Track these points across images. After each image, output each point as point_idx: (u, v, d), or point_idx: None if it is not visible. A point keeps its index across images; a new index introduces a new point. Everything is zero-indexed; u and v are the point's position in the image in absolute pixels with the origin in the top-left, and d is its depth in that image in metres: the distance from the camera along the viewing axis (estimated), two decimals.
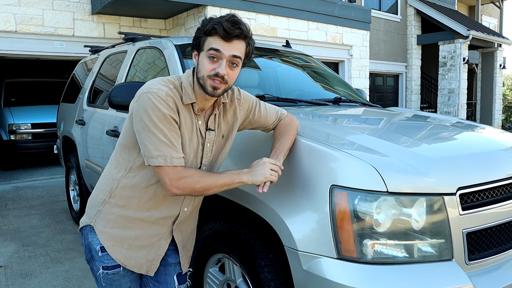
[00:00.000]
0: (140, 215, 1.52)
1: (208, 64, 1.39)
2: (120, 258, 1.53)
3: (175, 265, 1.67)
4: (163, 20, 8.22)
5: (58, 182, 6.71)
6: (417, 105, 13.74)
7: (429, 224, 1.48)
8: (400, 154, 1.60)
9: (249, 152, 1.89)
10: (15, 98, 8.42)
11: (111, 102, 2.27)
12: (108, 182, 1.54)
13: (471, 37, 12.35)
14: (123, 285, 1.59)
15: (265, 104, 1.76)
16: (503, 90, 19.90)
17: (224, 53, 1.37)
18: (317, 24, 8.91)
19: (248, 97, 1.69)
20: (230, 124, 1.63)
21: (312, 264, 1.51)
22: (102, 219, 1.53)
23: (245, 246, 1.80)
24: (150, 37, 3.46)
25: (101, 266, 1.54)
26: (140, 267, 1.57)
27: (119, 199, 1.51)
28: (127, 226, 1.52)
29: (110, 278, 1.56)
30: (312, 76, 3.26)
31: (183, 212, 1.58)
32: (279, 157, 1.56)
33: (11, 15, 6.63)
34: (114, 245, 1.52)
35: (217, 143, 1.58)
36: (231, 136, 1.64)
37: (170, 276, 1.66)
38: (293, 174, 1.65)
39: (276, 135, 1.70)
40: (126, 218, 1.51)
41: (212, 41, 1.38)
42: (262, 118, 1.72)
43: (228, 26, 1.36)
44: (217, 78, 1.39)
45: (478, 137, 2.01)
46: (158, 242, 1.58)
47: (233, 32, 1.36)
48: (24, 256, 3.57)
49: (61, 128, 4.76)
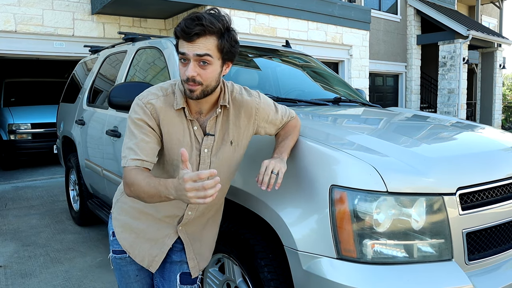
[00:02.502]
0: (148, 209, 1.58)
1: (181, 68, 1.37)
2: (126, 245, 1.62)
3: (181, 263, 1.66)
4: (163, 20, 8.22)
5: (58, 182, 6.71)
6: (417, 105, 13.74)
7: (429, 224, 1.49)
8: (400, 154, 1.60)
9: (251, 154, 1.89)
10: (15, 98, 8.41)
11: (110, 102, 2.27)
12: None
13: (471, 37, 12.35)
14: (130, 272, 1.67)
15: (278, 106, 1.70)
16: (503, 90, 19.92)
17: (189, 53, 1.32)
18: (317, 24, 8.91)
19: (267, 104, 1.63)
20: (241, 131, 1.56)
21: (312, 264, 1.51)
22: (118, 207, 1.66)
23: (245, 246, 1.80)
24: (150, 37, 3.46)
25: (111, 249, 1.67)
26: (142, 259, 1.62)
27: None
28: (137, 217, 1.61)
29: (118, 263, 1.66)
30: (312, 76, 3.26)
31: (187, 215, 1.59)
32: (283, 156, 1.55)
33: (11, 15, 6.63)
34: (122, 231, 1.63)
35: (221, 149, 1.52)
36: (241, 143, 1.57)
37: (173, 274, 1.66)
38: (293, 174, 1.65)
39: (280, 133, 1.68)
40: (136, 209, 1.60)
41: (180, 44, 1.35)
42: (277, 123, 1.67)
43: (186, 24, 1.30)
44: (189, 82, 1.35)
45: (478, 137, 2.01)
46: (162, 240, 1.60)
47: (191, 30, 1.29)
48: (24, 256, 3.57)
49: (61, 128, 4.76)
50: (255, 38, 7.73)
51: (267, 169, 1.45)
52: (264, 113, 1.61)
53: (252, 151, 1.87)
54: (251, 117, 1.57)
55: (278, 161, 1.50)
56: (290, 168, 1.66)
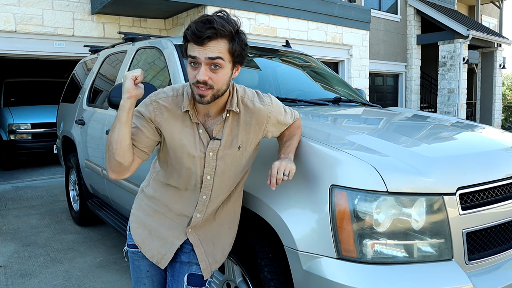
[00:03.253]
0: (160, 208, 1.64)
1: (191, 71, 1.36)
2: (139, 240, 1.66)
3: (190, 265, 1.65)
4: (163, 20, 8.22)
5: (58, 182, 6.71)
6: (417, 105, 13.74)
7: (429, 224, 1.49)
8: (400, 154, 1.60)
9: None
10: (15, 98, 8.41)
11: (110, 102, 2.27)
12: (150, 172, 1.73)
13: (471, 37, 12.35)
14: (141, 267, 1.70)
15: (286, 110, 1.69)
16: (503, 90, 19.92)
17: (200, 57, 1.31)
18: (317, 24, 8.91)
19: (278, 110, 1.61)
20: (251, 136, 1.55)
21: (312, 264, 1.51)
22: (137, 203, 1.71)
23: (245, 246, 1.80)
24: (150, 37, 3.45)
25: (127, 243, 1.72)
26: (151, 255, 1.65)
27: (151, 189, 1.67)
28: (151, 215, 1.65)
29: (131, 257, 1.71)
30: (312, 76, 3.26)
31: (195, 217, 1.60)
32: (290, 155, 1.55)
33: (11, 15, 6.63)
34: (137, 227, 1.67)
35: (227, 153, 1.51)
36: (249, 148, 1.56)
37: (181, 275, 1.66)
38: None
39: (285, 133, 1.68)
40: (151, 207, 1.65)
41: (189, 47, 1.34)
42: (284, 126, 1.66)
43: (198, 28, 1.29)
44: (200, 84, 1.34)
45: (478, 137, 2.01)
46: (172, 240, 1.63)
47: (203, 34, 1.28)
48: (24, 256, 3.57)
49: (60, 128, 4.76)
50: (255, 38, 7.72)
51: (279, 171, 1.45)
52: (275, 119, 1.61)
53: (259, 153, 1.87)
54: (262, 124, 1.57)
55: (287, 161, 1.49)
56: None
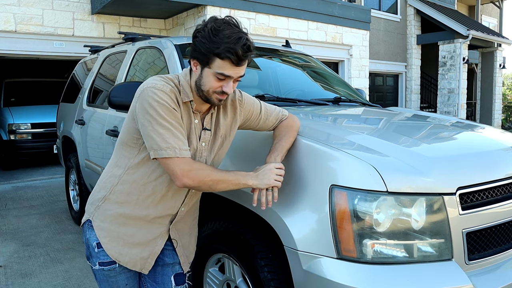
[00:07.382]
0: (138, 212, 1.52)
1: (215, 82, 1.41)
2: (114, 254, 1.54)
3: (173, 265, 1.66)
4: (163, 20, 8.22)
5: (58, 182, 6.71)
6: (417, 105, 13.74)
7: (429, 224, 1.49)
8: (400, 154, 1.60)
9: (249, 152, 1.89)
10: (15, 98, 8.41)
11: (110, 102, 2.27)
12: (109, 179, 1.56)
13: (471, 37, 12.34)
14: (119, 282, 1.59)
15: (266, 106, 1.75)
16: (503, 90, 19.92)
17: (233, 76, 1.41)
18: (317, 24, 8.91)
19: (250, 100, 1.70)
20: (229, 125, 1.63)
21: (312, 264, 1.51)
22: (100, 214, 1.54)
23: (245, 246, 1.79)
24: (150, 37, 3.46)
25: (97, 262, 1.55)
26: (134, 264, 1.57)
27: (119, 195, 1.52)
28: (124, 223, 1.53)
29: (106, 275, 1.57)
30: (312, 76, 3.26)
31: (180, 212, 1.60)
32: (277, 158, 1.57)
33: (11, 15, 6.63)
34: (109, 241, 1.53)
35: (214, 143, 1.58)
36: (229, 137, 1.65)
37: (167, 277, 1.66)
38: (293, 174, 1.65)
39: (276, 135, 1.70)
40: (123, 215, 1.52)
41: (222, 65, 1.37)
42: (261, 121, 1.72)
43: (242, 53, 1.36)
44: (224, 94, 1.44)
45: (478, 137, 2.01)
46: (154, 241, 1.58)
47: (245, 58, 1.39)
48: (24, 256, 3.57)
49: (60, 128, 4.76)
50: (255, 38, 7.72)
51: (261, 192, 1.50)
52: (248, 105, 1.68)
53: (252, 150, 1.88)
54: (236, 108, 1.64)
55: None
56: (290, 168, 1.66)
